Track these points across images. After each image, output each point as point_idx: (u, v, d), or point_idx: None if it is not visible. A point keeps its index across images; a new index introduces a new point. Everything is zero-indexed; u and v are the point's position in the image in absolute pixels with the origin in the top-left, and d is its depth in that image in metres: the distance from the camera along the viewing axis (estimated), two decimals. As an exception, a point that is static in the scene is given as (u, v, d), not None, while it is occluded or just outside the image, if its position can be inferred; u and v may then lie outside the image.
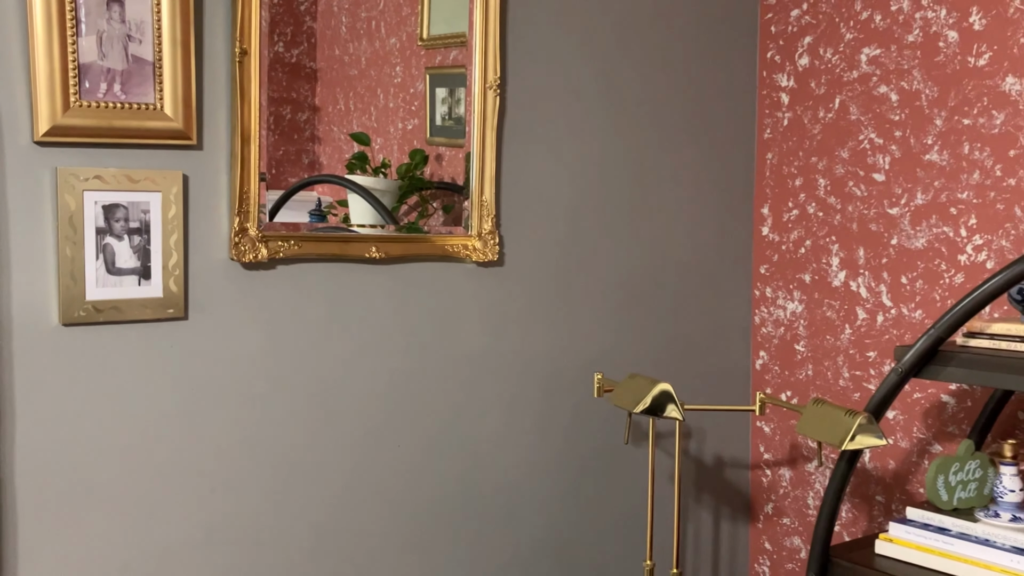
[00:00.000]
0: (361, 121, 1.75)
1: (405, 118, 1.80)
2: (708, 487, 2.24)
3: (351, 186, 1.75)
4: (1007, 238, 1.84)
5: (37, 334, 1.43)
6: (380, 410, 1.75)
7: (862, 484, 2.09)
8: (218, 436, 1.59)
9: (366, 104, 1.75)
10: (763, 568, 2.29)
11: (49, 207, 1.42)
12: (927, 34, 1.94)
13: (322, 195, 1.73)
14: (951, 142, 1.91)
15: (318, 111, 1.71)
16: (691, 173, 2.14)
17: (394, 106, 1.79)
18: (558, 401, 1.97)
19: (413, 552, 1.81)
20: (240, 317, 1.59)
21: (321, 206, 1.72)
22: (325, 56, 1.71)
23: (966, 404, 1.91)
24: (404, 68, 1.80)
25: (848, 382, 2.10)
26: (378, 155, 1.77)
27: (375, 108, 1.77)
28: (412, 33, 1.80)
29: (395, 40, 1.79)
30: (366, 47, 1.76)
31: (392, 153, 1.79)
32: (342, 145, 1.73)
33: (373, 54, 1.76)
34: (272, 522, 1.65)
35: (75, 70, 1.41)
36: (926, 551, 1.61)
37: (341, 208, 1.74)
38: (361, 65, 1.75)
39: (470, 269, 1.85)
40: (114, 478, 1.50)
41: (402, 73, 1.79)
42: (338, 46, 1.73)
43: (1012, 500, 1.60)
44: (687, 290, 2.16)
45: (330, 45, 1.72)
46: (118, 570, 1.51)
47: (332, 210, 1.73)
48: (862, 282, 2.07)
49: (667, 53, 2.09)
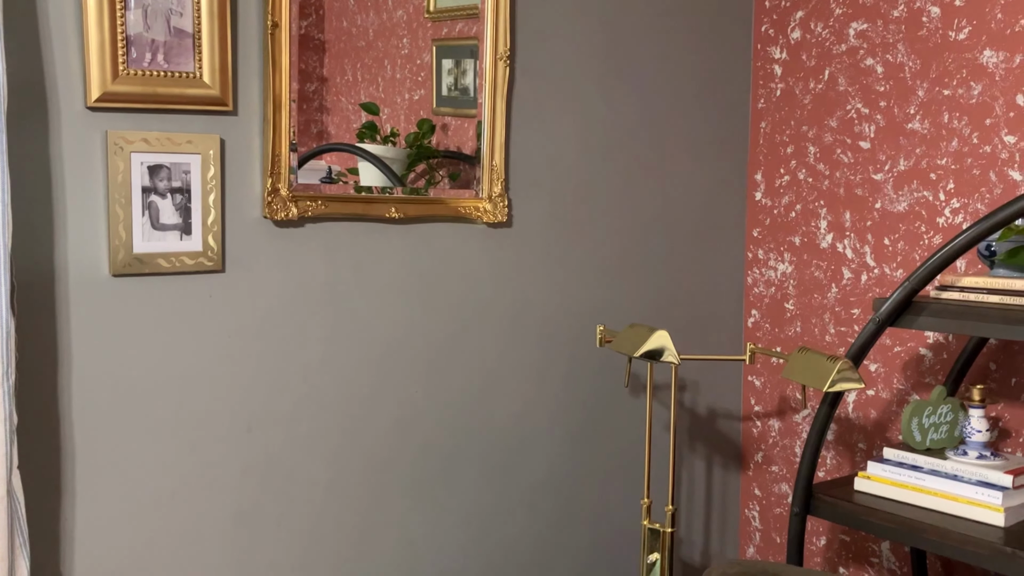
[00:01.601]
0: (369, 92, 1.81)
1: (412, 89, 1.87)
2: (702, 437, 2.39)
3: (364, 154, 1.82)
4: (982, 202, 1.97)
5: (90, 284, 1.56)
6: (398, 357, 1.89)
7: (845, 432, 2.24)
8: (250, 378, 1.73)
9: (373, 75, 1.82)
10: (753, 513, 2.44)
11: (100, 167, 1.55)
12: (911, 9, 2.06)
13: (331, 163, 1.80)
14: (932, 112, 2.04)
15: (326, 82, 1.76)
16: (689, 140, 2.27)
17: (401, 77, 1.85)
18: (561, 351, 2.11)
19: (420, 490, 1.96)
20: (272, 270, 1.73)
21: (331, 174, 1.80)
22: (333, 28, 1.76)
23: (942, 356, 2.05)
24: (411, 40, 1.86)
25: (834, 337, 2.24)
26: (386, 124, 1.84)
27: (382, 79, 1.83)
28: (419, 5, 1.86)
29: (402, 12, 1.84)
30: (374, 19, 1.81)
31: (399, 123, 1.86)
32: (350, 115, 1.80)
33: (380, 26, 1.82)
34: (298, 457, 1.79)
35: (123, 41, 1.54)
36: (900, 486, 1.76)
37: (351, 176, 1.82)
38: (369, 37, 1.81)
39: (481, 229, 1.98)
40: (159, 415, 1.64)
41: (409, 45, 1.85)
42: (346, 18, 1.78)
43: (979, 440, 1.75)
44: (684, 252, 2.30)
45: (338, 17, 1.77)
46: (168, 497, 1.66)
47: (343, 178, 1.81)
48: (848, 244, 2.20)
49: (668, 26, 2.21)
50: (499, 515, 2.06)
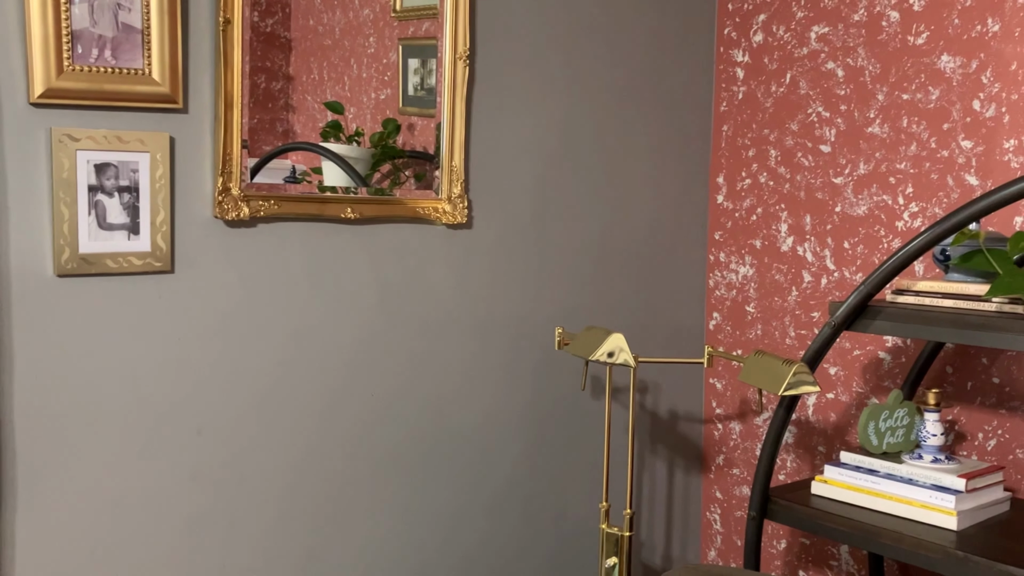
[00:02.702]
0: (335, 90, 1.80)
1: (378, 88, 1.85)
2: (663, 439, 2.38)
3: (327, 154, 1.81)
4: (940, 206, 1.98)
5: (33, 284, 1.53)
6: (353, 361, 1.87)
7: (805, 435, 2.24)
8: (201, 381, 1.70)
9: (340, 74, 1.80)
10: (714, 516, 2.44)
11: (44, 165, 1.52)
12: (871, 14, 2.06)
13: (296, 163, 1.78)
14: (891, 116, 2.04)
15: (292, 80, 1.75)
16: (651, 143, 2.27)
17: (367, 76, 1.84)
18: (521, 355, 2.09)
19: (382, 496, 1.94)
20: (222, 271, 1.70)
21: (295, 173, 1.78)
22: (299, 26, 1.74)
23: (900, 360, 2.06)
24: (377, 39, 1.84)
25: (794, 340, 2.24)
26: (351, 124, 1.83)
27: (348, 78, 1.81)
28: (385, 5, 1.85)
29: (368, 11, 1.83)
30: (340, 18, 1.79)
31: (365, 122, 1.85)
32: (315, 114, 1.78)
33: (347, 25, 1.80)
34: (252, 461, 1.76)
35: (68, 36, 1.50)
36: (856, 490, 1.76)
37: (315, 175, 1.80)
38: (335, 35, 1.79)
39: (440, 231, 1.96)
40: (106, 419, 1.61)
41: (375, 44, 1.84)
42: (312, 16, 1.76)
43: (934, 443, 1.75)
44: (646, 254, 2.29)
45: (304, 15, 1.75)
46: (111, 504, 1.62)
47: (307, 177, 1.79)
48: (808, 247, 2.20)
49: (630, 28, 2.20)
50: (459, 520, 2.04)
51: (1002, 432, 1.91)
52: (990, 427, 1.92)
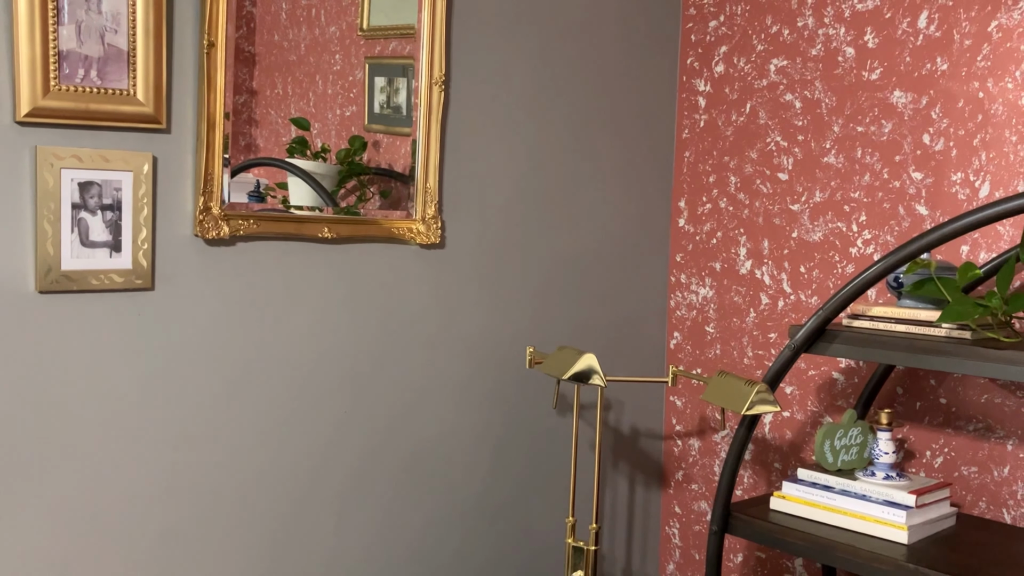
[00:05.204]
0: (299, 106, 1.82)
1: (343, 105, 1.87)
2: (625, 455, 2.45)
3: (294, 170, 1.82)
4: (891, 234, 2.08)
5: (15, 300, 1.54)
6: (329, 378, 1.90)
7: (762, 452, 2.32)
8: (179, 398, 1.72)
9: (304, 90, 1.82)
10: (673, 530, 2.51)
11: (28, 183, 1.53)
12: (828, 49, 2.16)
13: (259, 177, 1.80)
14: (846, 147, 2.14)
15: (256, 95, 1.76)
16: (616, 168, 2.34)
17: (332, 93, 1.85)
18: (491, 372, 2.14)
19: (351, 512, 1.97)
20: (202, 289, 1.73)
21: (260, 188, 1.79)
22: (264, 41, 1.76)
23: (853, 380, 2.15)
24: (343, 56, 1.86)
25: (752, 360, 2.32)
26: (316, 140, 1.85)
27: (314, 94, 1.83)
28: (352, 23, 1.87)
29: (335, 28, 1.85)
30: (306, 34, 1.81)
31: (330, 138, 1.86)
32: (279, 129, 1.80)
33: (313, 41, 1.82)
34: (227, 477, 1.78)
35: (55, 56, 1.52)
36: (813, 505, 1.84)
37: (280, 191, 1.82)
38: (300, 51, 1.81)
39: (414, 250, 2.01)
40: (84, 434, 1.62)
41: (341, 61, 1.86)
42: (277, 32, 1.78)
43: (886, 461, 1.84)
44: (610, 275, 2.36)
45: (269, 31, 1.77)
46: (88, 519, 1.63)
47: (271, 192, 1.81)
48: (766, 271, 2.29)
49: (597, 57, 2.27)
50: (427, 534, 2.08)
51: (948, 450, 2.01)
52: (937, 445, 2.02)
